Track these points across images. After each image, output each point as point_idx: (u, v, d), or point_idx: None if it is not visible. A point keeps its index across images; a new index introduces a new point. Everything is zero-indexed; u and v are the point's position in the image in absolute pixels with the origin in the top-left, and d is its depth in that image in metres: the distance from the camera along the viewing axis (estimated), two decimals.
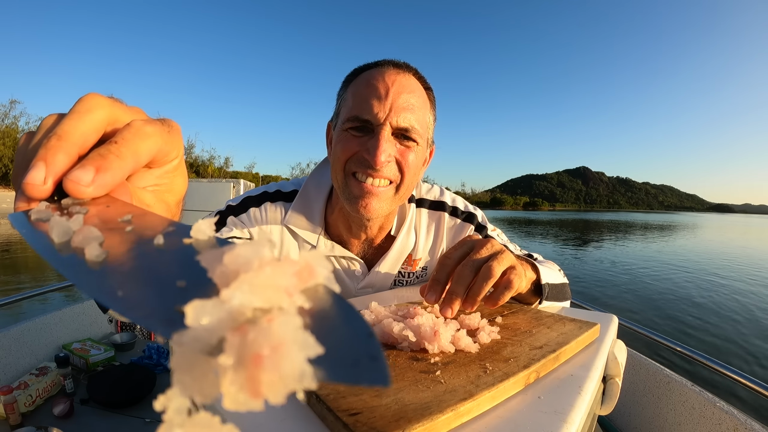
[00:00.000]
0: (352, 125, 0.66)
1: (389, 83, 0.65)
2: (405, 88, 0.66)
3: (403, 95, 0.65)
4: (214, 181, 3.18)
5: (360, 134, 0.67)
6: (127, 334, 1.99)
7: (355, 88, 0.68)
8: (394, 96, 0.64)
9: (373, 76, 0.66)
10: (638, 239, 22.98)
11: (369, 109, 0.64)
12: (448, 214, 0.88)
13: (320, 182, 0.83)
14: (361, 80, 0.68)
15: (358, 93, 0.67)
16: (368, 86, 0.66)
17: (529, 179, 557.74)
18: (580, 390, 0.38)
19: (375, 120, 0.64)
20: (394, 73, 0.66)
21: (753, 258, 14.58)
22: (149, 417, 1.27)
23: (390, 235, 0.83)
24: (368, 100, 0.64)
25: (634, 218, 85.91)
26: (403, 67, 0.69)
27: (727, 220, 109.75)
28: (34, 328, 1.58)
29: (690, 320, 6.07)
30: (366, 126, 0.66)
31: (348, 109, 0.67)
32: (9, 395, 1.16)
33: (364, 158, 0.66)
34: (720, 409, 0.97)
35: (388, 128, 0.65)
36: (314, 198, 0.81)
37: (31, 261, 9.30)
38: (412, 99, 0.66)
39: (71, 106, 0.26)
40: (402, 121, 0.65)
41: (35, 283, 7.14)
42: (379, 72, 0.67)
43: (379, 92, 0.64)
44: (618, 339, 0.58)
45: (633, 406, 1.23)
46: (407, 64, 0.71)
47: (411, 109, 0.66)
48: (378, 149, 0.63)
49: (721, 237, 28.07)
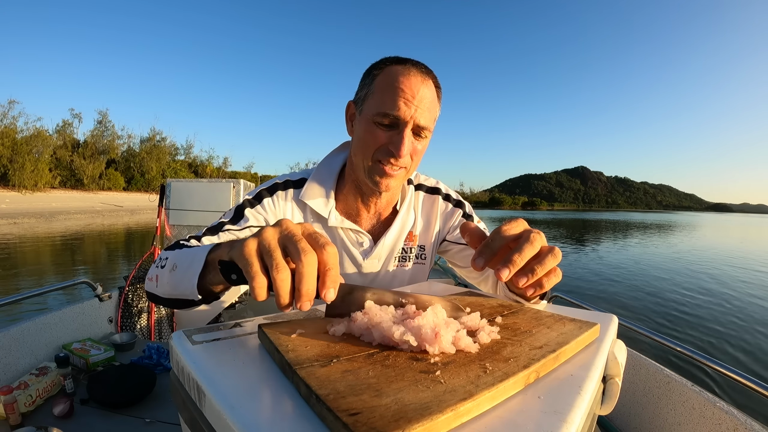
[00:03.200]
0: (381, 120, 0.78)
1: (416, 89, 0.76)
2: (427, 94, 0.78)
3: (426, 100, 0.77)
4: (214, 181, 3.17)
5: (387, 129, 0.79)
6: (127, 334, 1.99)
7: (383, 83, 0.78)
8: (419, 100, 0.76)
9: (402, 79, 0.77)
10: (637, 239, 22.99)
11: (398, 108, 0.76)
12: (441, 198, 1.03)
13: (331, 165, 0.94)
14: (390, 77, 0.78)
15: (388, 90, 0.77)
16: (398, 88, 0.76)
17: (528, 179, 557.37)
18: (580, 390, 0.38)
19: (402, 119, 0.76)
20: (420, 79, 0.77)
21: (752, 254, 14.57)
22: (149, 417, 1.27)
23: (395, 210, 0.97)
24: (398, 100, 0.76)
25: (633, 218, 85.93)
26: (425, 73, 0.80)
27: (726, 219, 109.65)
28: (34, 328, 1.58)
29: (690, 320, 6.07)
30: (393, 122, 0.78)
31: (378, 104, 0.78)
32: (9, 395, 1.16)
33: (389, 150, 0.79)
34: (720, 409, 0.97)
35: (411, 126, 0.77)
36: (326, 177, 0.92)
37: (29, 261, 9.30)
38: (430, 104, 0.79)
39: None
40: (422, 121, 0.78)
41: (32, 284, 7.14)
42: (405, 75, 0.77)
43: (407, 95, 0.76)
44: (618, 339, 0.58)
45: (633, 406, 1.23)
46: (427, 67, 0.81)
47: (429, 111, 0.79)
48: (403, 145, 0.77)
49: (722, 236, 28.07)
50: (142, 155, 52.18)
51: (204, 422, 0.39)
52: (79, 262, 9.76)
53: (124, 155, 51.94)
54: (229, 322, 0.57)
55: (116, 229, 18.04)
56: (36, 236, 13.74)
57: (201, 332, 0.53)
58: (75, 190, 40.91)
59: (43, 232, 15.12)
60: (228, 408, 0.35)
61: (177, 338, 0.50)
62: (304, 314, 0.58)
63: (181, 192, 3.09)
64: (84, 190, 41.64)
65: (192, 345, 0.48)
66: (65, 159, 42.59)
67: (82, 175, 43.09)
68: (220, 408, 0.35)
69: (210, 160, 66.51)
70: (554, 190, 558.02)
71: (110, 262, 9.99)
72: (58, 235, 14.36)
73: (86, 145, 46.81)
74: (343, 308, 0.48)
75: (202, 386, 0.39)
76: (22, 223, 18.04)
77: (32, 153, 36.93)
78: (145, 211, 29.74)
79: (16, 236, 13.50)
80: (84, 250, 11.70)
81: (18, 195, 31.86)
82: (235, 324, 0.57)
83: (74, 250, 11.51)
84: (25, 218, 20.00)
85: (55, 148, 41.87)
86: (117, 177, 47.45)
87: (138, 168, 51.27)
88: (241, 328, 0.55)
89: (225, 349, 0.48)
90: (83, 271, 8.63)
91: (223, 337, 0.51)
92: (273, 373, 0.42)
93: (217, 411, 0.36)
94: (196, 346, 0.48)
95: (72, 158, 43.23)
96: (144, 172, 51.15)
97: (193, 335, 0.51)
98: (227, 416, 0.34)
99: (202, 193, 3.10)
